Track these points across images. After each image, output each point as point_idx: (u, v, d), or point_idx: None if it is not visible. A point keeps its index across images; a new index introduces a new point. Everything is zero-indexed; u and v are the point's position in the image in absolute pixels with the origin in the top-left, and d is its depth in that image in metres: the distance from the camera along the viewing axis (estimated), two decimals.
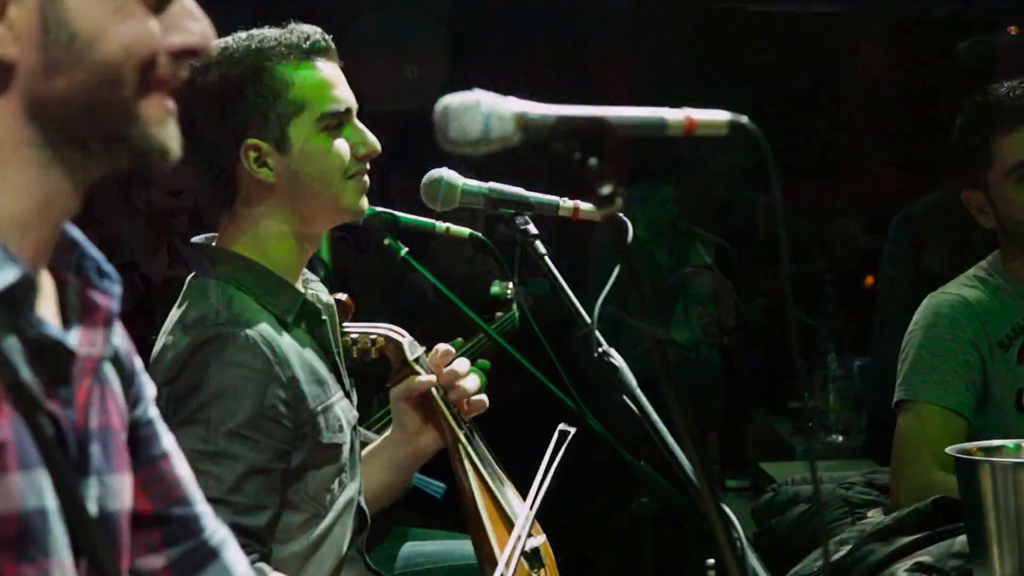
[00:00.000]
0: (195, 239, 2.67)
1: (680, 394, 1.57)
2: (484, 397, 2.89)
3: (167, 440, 1.63)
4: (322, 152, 2.58)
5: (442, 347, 2.88)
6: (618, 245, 1.59)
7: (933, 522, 2.86)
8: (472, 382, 2.86)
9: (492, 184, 2.63)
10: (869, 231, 5.92)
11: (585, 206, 2.61)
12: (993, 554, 2.48)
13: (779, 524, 3.31)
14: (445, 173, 2.63)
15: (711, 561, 2.34)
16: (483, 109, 1.51)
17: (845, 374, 4.72)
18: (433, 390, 2.82)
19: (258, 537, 2.46)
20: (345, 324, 2.81)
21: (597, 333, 2.34)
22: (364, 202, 2.66)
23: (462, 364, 2.86)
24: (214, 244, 2.64)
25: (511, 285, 3.85)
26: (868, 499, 3.21)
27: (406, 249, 2.96)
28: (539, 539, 2.84)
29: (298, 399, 2.52)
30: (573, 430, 2.77)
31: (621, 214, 1.58)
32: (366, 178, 2.65)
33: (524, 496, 2.75)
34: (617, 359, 2.39)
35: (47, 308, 1.41)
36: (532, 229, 2.58)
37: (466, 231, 2.87)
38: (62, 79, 1.35)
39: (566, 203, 2.63)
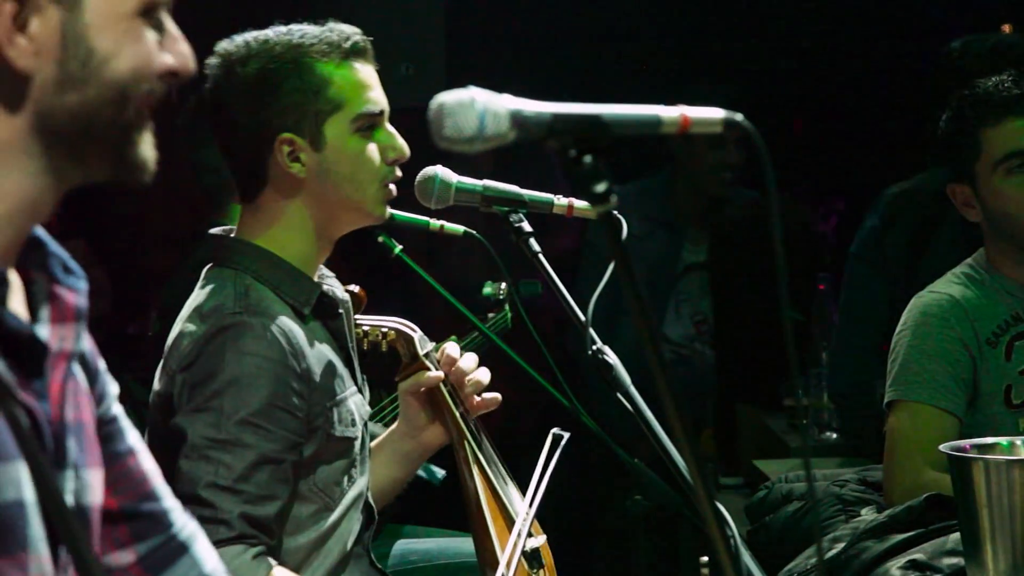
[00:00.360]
0: (214, 230, 2.68)
1: (674, 392, 1.57)
2: (497, 395, 2.88)
3: (132, 436, 1.63)
4: (355, 153, 2.59)
5: (450, 345, 2.88)
6: (612, 243, 1.59)
7: (927, 520, 2.86)
8: (483, 377, 2.85)
9: (486, 181, 2.63)
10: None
11: (579, 204, 2.61)
12: (987, 551, 2.48)
13: (773, 522, 3.31)
14: (439, 171, 2.63)
15: (705, 559, 2.35)
16: (478, 107, 1.52)
17: None
18: (441, 386, 2.82)
19: (266, 528, 2.47)
20: (357, 316, 2.81)
21: (591, 331, 2.34)
22: (387, 210, 2.66)
23: (469, 361, 2.86)
24: (232, 236, 2.64)
25: (503, 285, 3.85)
26: (862, 497, 3.21)
27: (400, 247, 2.96)
28: (539, 539, 2.84)
29: (312, 391, 2.53)
30: (567, 435, 2.76)
31: (615, 212, 1.58)
32: (392, 187, 2.65)
33: (525, 496, 2.75)
34: (611, 356, 2.39)
35: (17, 305, 1.42)
36: (526, 227, 2.59)
37: (460, 228, 2.86)
38: (75, 94, 1.39)
39: (560, 200, 2.63)
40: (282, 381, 2.49)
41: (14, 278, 1.43)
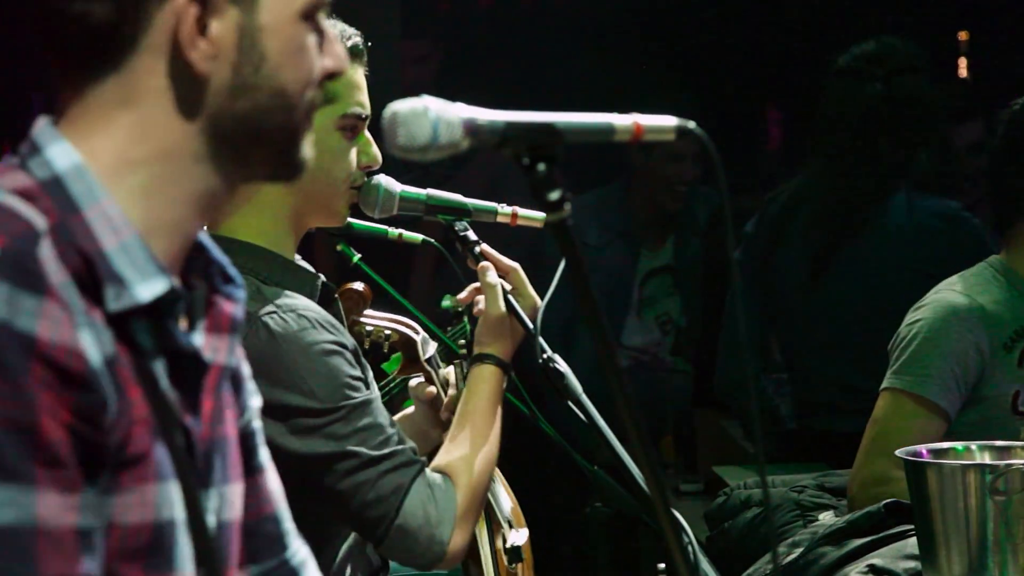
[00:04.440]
0: None
1: (629, 398, 1.57)
2: None
3: (263, 453, 1.62)
4: (335, 150, 2.55)
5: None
6: (563, 251, 1.59)
7: (885, 525, 2.87)
8: None
9: (430, 190, 2.63)
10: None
11: (523, 212, 2.61)
12: (942, 556, 2.49)
13: (732, 528, 3.32)
14: (383, 179, 2.62)
15: (662, 565, 2.35)
16: (431, 115, 1.51)
17: None
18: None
19: (415, 450, 2.47)
20: (366, 312, 2.78)
21: (541, 340, 2.34)
22: (347, 214, 2.63)
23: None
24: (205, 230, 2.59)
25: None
26: (820, 502, 3.22)
27: (359, 256, 2.95)
28: (522, 534, 2.83)
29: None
30: None
31: (567, 220, 1.58)
32: (354, 191, 2.62)
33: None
34: (562, 365, 2.39)
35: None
36: (471, 236, 2.59)
37: (419, 237, 2.85)
38: (246, 100, 1.42)
39: (504, 209, 2.63)
40: (345, 358, 2.45)
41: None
